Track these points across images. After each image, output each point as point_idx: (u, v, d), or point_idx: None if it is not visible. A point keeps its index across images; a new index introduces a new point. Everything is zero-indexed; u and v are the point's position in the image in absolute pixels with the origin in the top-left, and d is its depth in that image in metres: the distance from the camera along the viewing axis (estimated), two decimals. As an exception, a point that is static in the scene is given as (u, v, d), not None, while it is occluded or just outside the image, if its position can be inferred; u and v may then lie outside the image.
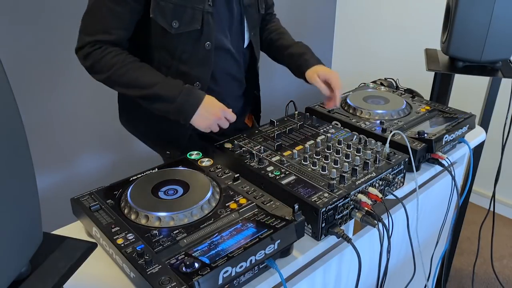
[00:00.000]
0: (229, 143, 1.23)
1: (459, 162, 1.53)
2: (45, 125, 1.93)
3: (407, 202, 1.28)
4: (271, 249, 0.87)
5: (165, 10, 1.16)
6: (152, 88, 1.17)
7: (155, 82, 1.18)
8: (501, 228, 2.60)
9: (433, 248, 1.52)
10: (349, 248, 1.00)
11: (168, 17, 1.17)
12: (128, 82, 1.19)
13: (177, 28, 1.18)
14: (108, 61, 1.17)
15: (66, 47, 1.90)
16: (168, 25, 1.18)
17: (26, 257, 0.63)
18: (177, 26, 1.18)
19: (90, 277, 0.89)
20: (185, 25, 1.19)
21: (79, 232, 1.02)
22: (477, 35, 1.66)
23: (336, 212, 0.99)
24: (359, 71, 3.09)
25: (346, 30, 3.11)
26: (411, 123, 1.37)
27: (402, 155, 1.16)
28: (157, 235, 0.88)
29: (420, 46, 2.12)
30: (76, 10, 1.87)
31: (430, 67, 1.79)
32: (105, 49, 1.18)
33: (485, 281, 2.25)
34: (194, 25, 1.20)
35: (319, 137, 1.26)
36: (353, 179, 1.06)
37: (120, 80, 1.19)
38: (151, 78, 1.18)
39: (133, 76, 1.18)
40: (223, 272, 0.79)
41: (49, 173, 2.01)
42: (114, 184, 1.06)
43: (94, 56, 1.17)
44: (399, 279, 1.38)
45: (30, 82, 1.84)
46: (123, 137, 2.23)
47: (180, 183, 1.04)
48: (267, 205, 0.97)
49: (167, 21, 1.17)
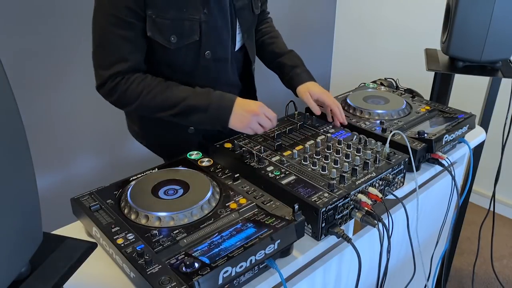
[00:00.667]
0: (229, 143, 1.23)
1: (459, 162, 1.53)
2: (45, 125, 1.93)
3: (407, 202, 1.28)
4: (271, 249, 0.87)
5: (162, 27, 1.14)
6: (184, 102, 1.15)
7: (185, 96, 1.16)
8: (501, 228, 2.60)
9: (433, 248, 1.52)
10: (349, 248, 1.00)
11: (166, 33, 1.15)
12: (158, 105, 1.17)
13: (175, 42, 1.17)
14: (134, 90, 1.15)
15: (66, 47, 1.91)
16: (166, 41, 1.16)
17: (26, 257, 0.63)
18: (176, 40, 1.17)
19: (90, 277, 0.89)
20: (184, 38, 1.18)
21: (79, 232, 1.02)
22: (477, 35, 1.66)
23: (336, 212, 0.99)
24: (359, 71, 3.09)
25: (346, 30, 3.11)
26: (411, 123, 1.37)
27: (402, 155, 1.16)
28: (157, 235, 0.88)
29: (420, 46, 2.12)
30: (77, 10, 1.88)
31: (430, 67, 1.79)
32: (128, 79, 1.16)
33: (485, 281, 2.25)
34: (193, 37, 1.19)
35: (319, 137, 1.26)
36: (353, 179, 1.06)
37: (150, 105, 1.17)
38: (180, 93, 1.17)
39: (162, 98, 1.16)
40: (223, 272, 0.79)
41: (49, 173, 2.01)
42: (114, 184, 1.06)
43: (119, 89, 1.16)
44: (399, 279, 1.38)
45: (30, 82, 1.84)
46: (123, 137, 2.24)
47: (180, 183, 1.04)
48: (267, 205, 0.97)
49: (165, 38, 1.16)
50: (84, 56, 1.97)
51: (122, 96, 1.17)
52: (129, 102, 1.17)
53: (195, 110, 1.16)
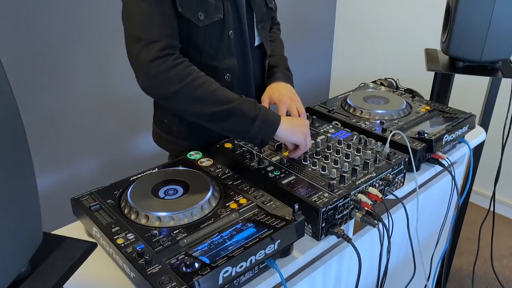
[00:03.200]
0: (229, 143, 1.23)
1: (459, 162, 1.53)
2: (45, 125, 1.93)
3: (407, 202, 1.28)
4: (271, 249, 0.87)
5: (190, 3, 1.13)
6: (232, 104, 1.08)
7: (235, 98, 1.09)
8: (501, 228, 2.60)
9: (433, 248, 1.52)
10: (349, 248, 1.00)
11: (194, 9, 1.14)
12: (201, 97, 1.07)
13: (203, 20, 1.15)
14: (180, 72, 1.06)
15: (66, 47, 1.91)
16: (196, 17, 1.14)
17: (26, 257, 0.63)
18: (203, 17, 1.15)
19: (90, 277, 0.89)
20: (210, 15, 1.16)
21: (79, 232, 1.02)
22: (477, 35, 1.66)
23: (336, 212, 0.99)
24: (359, 71, 3.09)
25: (346, 30, 3.11)
26: (411, 123, 1.37)
27: (402, 155, 1.16)
28: (157, 235, 0.88)
29: (420, 46, 2.12)
30: (77, 10, 1.88)
31: (430, 67, 1.79)
32: (177, 57, 1.08)
33: (485, 281, 2.25)
34: (217, 15, 1.17)
35: (319, 137, 1.26)
36: (353, 179, 1.06)
37: (193, 94, 1.07)
38: (229, 94, 1.10)
39: (211, 89, 1.08)
40: (223, 272, 0.79)
41: (49, 173, 2.01)
42: (114, 184, 1.06)
43: (165, 64, 1.05)
44: (399, 279, 1.38)
45: (30, 82, 1.84)
46: (123, 137, 2.24)
47: (180, 183, 1.04)
48: (267, 205, 0.97)
49: (194, 14, 1.14)
50: (84, 56, 1.98)
51: (162, 75, 1.05)
52: (167, 83, 1.06)
53: (241, 116, 1.08)
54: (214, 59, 1.22)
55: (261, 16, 1.32)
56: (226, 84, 1.21)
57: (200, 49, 1.19)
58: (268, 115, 1.11)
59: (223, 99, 1.08)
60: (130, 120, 2.21)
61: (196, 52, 1.19)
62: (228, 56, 1.23)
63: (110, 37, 1.97)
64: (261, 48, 1.37)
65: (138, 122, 2.23)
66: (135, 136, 2.28)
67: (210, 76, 1.15)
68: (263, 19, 1.34)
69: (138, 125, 2.25)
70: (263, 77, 1.41)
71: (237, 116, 1.08)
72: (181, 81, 1.06)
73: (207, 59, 1.21)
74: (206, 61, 1.21)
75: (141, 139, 2.29)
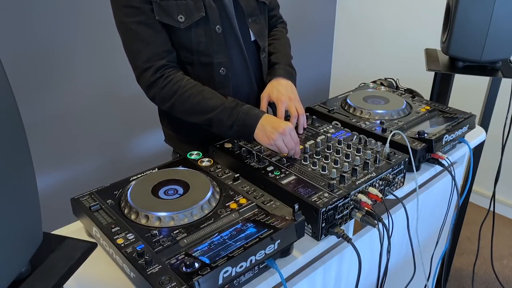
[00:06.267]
0: (229, 143, 1.23)
1: (459, 162, 1.53)
2: (45, 125, 1.94)
3: (407, 202, 1.28)
4: (271, 249, 0.87)
5: (168, 8, 1.17)
6: (212, 113, 1.18)
7: (215, 107, 1.18)
8: (501, 228, 2.60)
9: (433, 248, 1.52)
10: (349, 248, 1.00)
11: (173, 14, 1.18)
12: (189, 109, 1.20)
13: (184, 21, 1.19)
14: (168, 91, 1.19)
15: (66, 47, 1.91)
16: (175, 21, 1.18)
17: (26, 257, 0.63)
18: (184, 19, 1.19)
19: (90, 277, 0.89)
20: (191, 16, 1.19)
21: (79, 232, 1.02)
22: (477, 35, 1.66)
23: (336, 212, 0.99)
24: (359, 71, 3.09)
25: (346, 30, 3.11)
26: (411, 123, 1.37)
27: (402, 155, 1.16)
28: (157, 235, 0.88)
29: (420, 46, 2.12)
30: (77, 10, 1.88)
31: (430, 67, 1.79)
32: (166, 77, 1.19)
33: (485, 281, 2.25)
34: (199, 13, 1.20)
35: (319, 137, 1.26)
36: (353, 179, 1.06)
37: (182, 107, 1.21)
38: (210, 102, 1.19)
39: (195, 102, 1.19)
40: (223, 272, 0.79)
41: (49, 173, 2.01)
42: (114, 184, 1.06)
43: (157, 86, 1.20)
44: (399, 279, 1.38)
45: (30, 82, 1.84)
46: (123, 137, 2.24)
47: (180, 183, 1.04)
48: (267, 205, 0.97)
49: (173, 18, 1.18)
50: (84, 56, 1.98)
51: (158, 95, 1.21)
52: (164, 101, 1.21)
53: (221, 124, 1.19)
54: (206, 55, 1.25)
55: (250, 10, 1.32)
56: (221, 78, 1.28)
57: (189, 48, 1.24)
58: (245, 119, 1.17)
59: (206, 109, 1.19)
60: (130, 120, 2.22)
61: (187, 51, 1.24)
62: (220, 51, 1.26)
63: (111, 37, 1.96)
64: (257, 42, 1.37)
65: (138, 123, 2.23)
66: (135, 136, 2.28)
67: (205, 72, 1.25)
68: (254, 13, 1.33)
69: (138, 125, 2.25)
70: (261, 71, 1.41)
71: (218, 123, 1.19)
72: (171, 99, 1.21)
73: (199, 56, 1.25)
74: (198, 59, 1.25)
75: (141, 139, 2.30)
